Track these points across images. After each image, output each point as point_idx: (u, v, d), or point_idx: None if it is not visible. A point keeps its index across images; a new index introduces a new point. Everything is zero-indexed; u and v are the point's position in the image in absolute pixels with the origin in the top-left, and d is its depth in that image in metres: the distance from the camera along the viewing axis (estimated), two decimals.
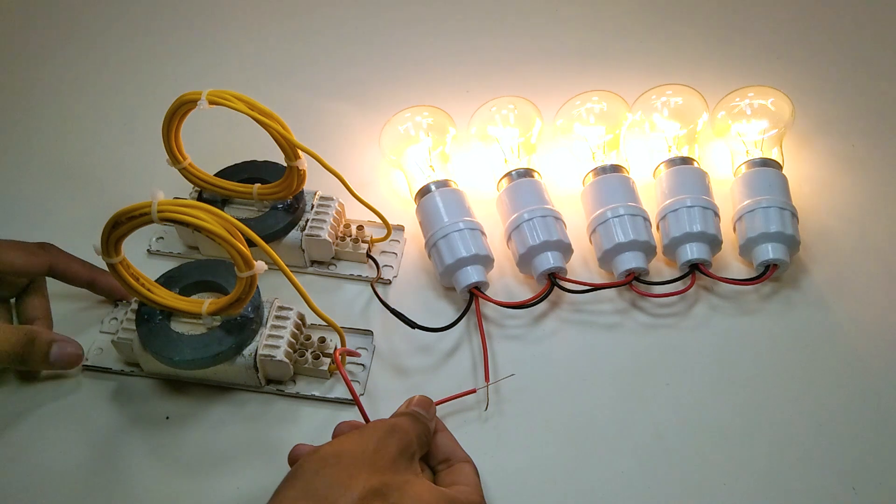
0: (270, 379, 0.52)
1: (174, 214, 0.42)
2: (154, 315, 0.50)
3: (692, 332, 0.56)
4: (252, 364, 0.49)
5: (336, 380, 0.52)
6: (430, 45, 0.77)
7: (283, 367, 0.50)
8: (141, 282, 0.49)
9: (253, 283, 0.46)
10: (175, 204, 0.43)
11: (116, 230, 0.44)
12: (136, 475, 0.48)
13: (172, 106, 0.50)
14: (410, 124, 0.62)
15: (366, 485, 0.39)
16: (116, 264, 0.46)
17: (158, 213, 0.42)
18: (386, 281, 0.58)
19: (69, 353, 0.50)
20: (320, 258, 0.58)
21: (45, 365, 0.50)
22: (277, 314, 0.51)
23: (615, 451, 0.50)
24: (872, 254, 0.60)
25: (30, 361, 0.49)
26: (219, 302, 0.48)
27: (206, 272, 0.52)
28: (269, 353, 0.49)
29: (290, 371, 0.51)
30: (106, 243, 0.45)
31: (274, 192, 0.55)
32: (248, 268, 0.45)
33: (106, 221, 0.43)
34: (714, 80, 0.66)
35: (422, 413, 0.46)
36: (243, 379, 0.51)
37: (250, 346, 0.50)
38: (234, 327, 0.49)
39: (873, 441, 0.50)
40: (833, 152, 0.67)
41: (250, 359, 0.49)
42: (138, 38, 0.78)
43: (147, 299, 0.49)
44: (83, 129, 0.69)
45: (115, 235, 0.44)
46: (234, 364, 0.49)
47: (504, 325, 0.56)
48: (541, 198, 0.58)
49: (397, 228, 0.60)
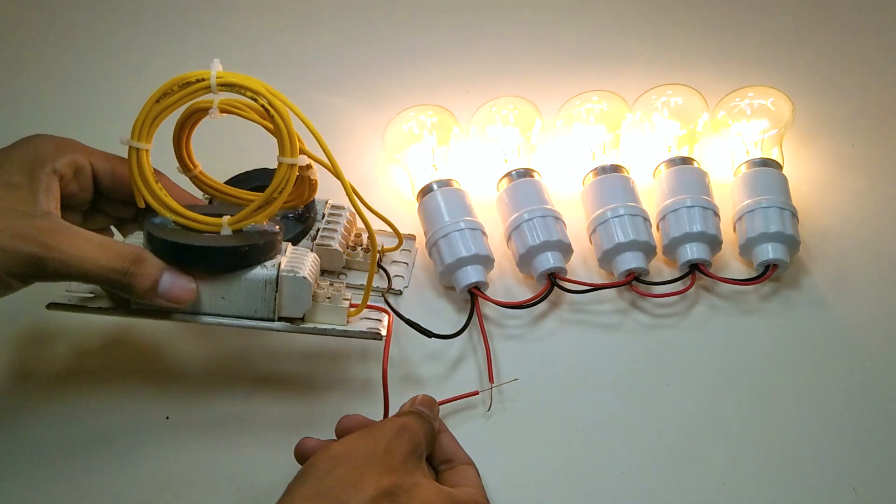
0: (283, 317, 0.46)
1: (234, 79, 0.38)
2: (167, 223, 0.44)
3: (692, 332, 0.56)
4: (274, 278, 0.43)
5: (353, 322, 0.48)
6: (430, 45, 0.77)
7: (304, 289, 0.44)
8: (160, 185, 0.42)
9: (292, 175, 0.41)
10: (234, 74, 0.39)
11: (162, 102, 0.38)
12: (135, 475, 0.48)
13: (183, 114, 0.48)
14: (415, 123, 0.62)
15: (377, 485, 0.39)
16: (143, 152, 0.41)
17: (218, 78, 0.38)
18: (397, 291, 0.57)
19: (182, 285, 0.42)
20: (331, 268, 0.58)
21: (151, 294, 0.41)
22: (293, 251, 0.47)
23: (615, 450, 0.50)
24: (872, 254, 0.60)
25: (134, 286, 0.41)
26: (245, 210, 0.43)
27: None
28: (294, 268, 0.44)
29: (310, 299, 0.45)
30: (143, 119, 0.39)
31: (285, 201, 0.55)
32: (293, 153, 0.40)
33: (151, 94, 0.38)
34: (714, 80, 0.66)
35: (427, 412, 0.46)
36: (255, 305, 0.45)
37: (273, 260, 0.44)
38: (259, 234, 0.44)
39: (873, 441, 0.50)
40: (833, 152, 0.67)
41: (273, 271, 0.44)
42: (143, 39, 0.78)
43: (162, 204, 0.42)
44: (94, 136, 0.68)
45: (157, 109, 0.39)
46: (251, 282, 0.43)
47: (504, 325, 0.56)
48: (541, 198, 0.58)
49: (408, 238, 0.60)
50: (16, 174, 0.41)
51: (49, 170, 0.42)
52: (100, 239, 0.41)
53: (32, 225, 0.39)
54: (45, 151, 0.42)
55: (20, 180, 0.41)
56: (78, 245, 0.40)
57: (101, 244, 0.41)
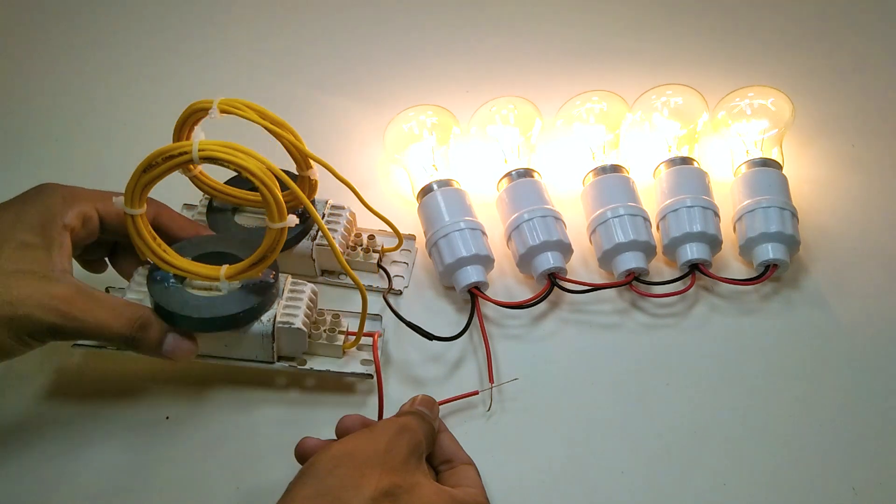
0: (283, 356, 0.50)
1: (216, 153, 0.39)
2: (167, 277, 0.47)
3: (692, 332, 0.56)
4: (270, 331, 0.47)
5: (350, 357, 0.51)
6: (430, 45, 0.77)
7: (300, 337, 0.48)
8: (158, 241, 0.46)
9: (282, 237, 0.43)
10: (217, 143, 0.40)
11: (149, 173, 0.40)
12: (135, 475, 0.48)
13: (183, 114, 0.49)
14: (415, 123, 0.62)
15: (377, 485, 0.39)
16: (137, 217, 0.43)
17: (200, 151, 0.39)
18: (397, 292, 0.57)
19: (183, 346, 0.46)
20: (331, 268, 0.58)
21: (156, 353, 0.46)
22: (293, 288, 0.49)
23: (615, 450, 0.50)
24: (872, 253, 0.60)
25: (141, 347, 0.45)
26: (240, 264, 0.45)
27: (221, 244, 0.49)
28: (288, 319, 0.47)
29: (306, 344, 0.49)
30: (133, 188, 0.41)
31: (285, 201, 0.55)
32: (280, 218, 0.42)
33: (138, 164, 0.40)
34: (714, 80, 0.66)
35: (427, 412, 0.46)
36: (256, 351, 0.49)
37: (269, 313, 0.47)
38: (255, 289, 0.47)
39: (873, 441, 0.50)
40: (833, 152, 0.67)
41: (269, 325, 0.47)
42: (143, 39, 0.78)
43: (162, 260, 0.46)
44: (93, 135, 0.69)
45: (145, 179, 0.41)
46: (249, 334, 0.47)
47: (504, 325, 0.56)
48: (541, 198, 0.58)
49: (408, 238, 0.60)
50: (29, 234, 0.43)
51: (60, 226, 0.44)
52: (111, 302, 0.44)
53: (52, 293, 0.42)
54: (55, 206, 0.45)
55: (34, 240, 0.43)
56: (94, 312, 0.43)
57: (112, 309, 0.44)
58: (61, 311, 0.42)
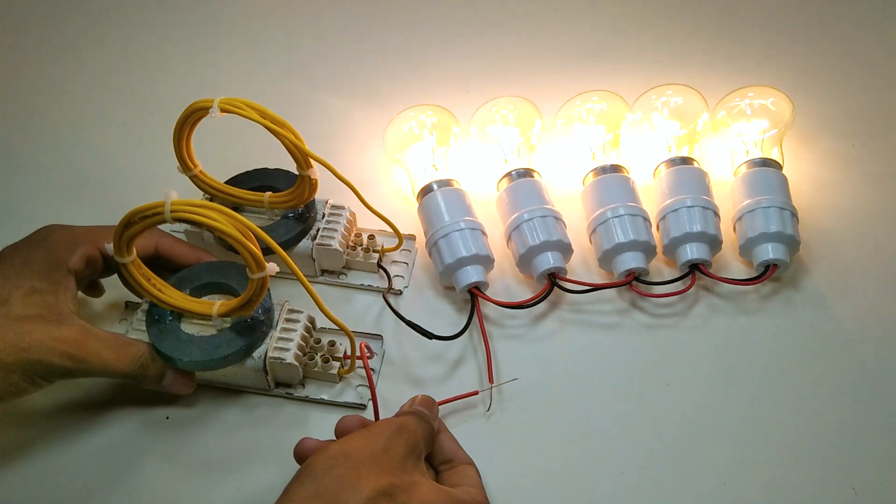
0: (279, 382, 0.52)
1: (187, 214, 0.42)
2: (165, 316, 0.49)
3: (692, 332, 0.56)
4: (261, 367, 0.49)
5: (345, 384, 0.52)
6: (430, 45, 0.77)
7: (292, 370, 0.50)
8: (152, 282, 0.49)
9: (264, 285, 0.46)
10: (188, 204, 0.42)
11: (129, 230, 0.44)
12: (136, 475, 0.48)
13: (184, 113, 0.49)
14: (415, 123, 0.62)
15: (375, 485, 0.39)
16: (128, 264, 0.47)
17: (172, 212, 0.42)
18: (397, 291, 0.58)
19: (181, 382, 0.50)
20: (331, 268, 0.58)
21: (157, 387, 0.49)
22: (288, 317, 0.51)
23: (615, 450, 0.50)
24: (872, 253, 0.60)
25: (143, 383, 0.49)
26: (230, 303, 0.48)
27: (218, 274, 0.52)
28: (279, 355, 0.49)
29: (300, 374, 0.51)
30: (118, 243, 0.45)
31: (285, 201, 0.55)
32: (259, 269, 0.44)
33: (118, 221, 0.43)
34: (714, 80, 0.66)
35: (426, 413, 0.46)
36: (252, 381, 0.51)
37: (260, 349, 0.49)
38: (245, 329, 0.49)
39: (873, 441, 0.50)
40: (833, 152, 0.67)
41: (260, 361, 0.49)
42: (144, 38, 0.78)
43: (158, 300, 0.49)
44: (94, 136, 0.69)
45: (127, 235, 0.44)
46: (244, 367, 0.49)
47: (504, 325, 0.56)
48: (541, 198, 0.58)
49: (408, 238, 0.60)
50: (37, 279, 0.46)
51: (65, 270, 0.47)
52: (114, 342, 0.48)
53: (61, 337, 0.45)
54: (59, 251, 0.48)
55: (41, 285, 0.46)
56: (100, 353, 0.46)
57: (116, 349, 0.47)
58: (70, 354, 0.45)
